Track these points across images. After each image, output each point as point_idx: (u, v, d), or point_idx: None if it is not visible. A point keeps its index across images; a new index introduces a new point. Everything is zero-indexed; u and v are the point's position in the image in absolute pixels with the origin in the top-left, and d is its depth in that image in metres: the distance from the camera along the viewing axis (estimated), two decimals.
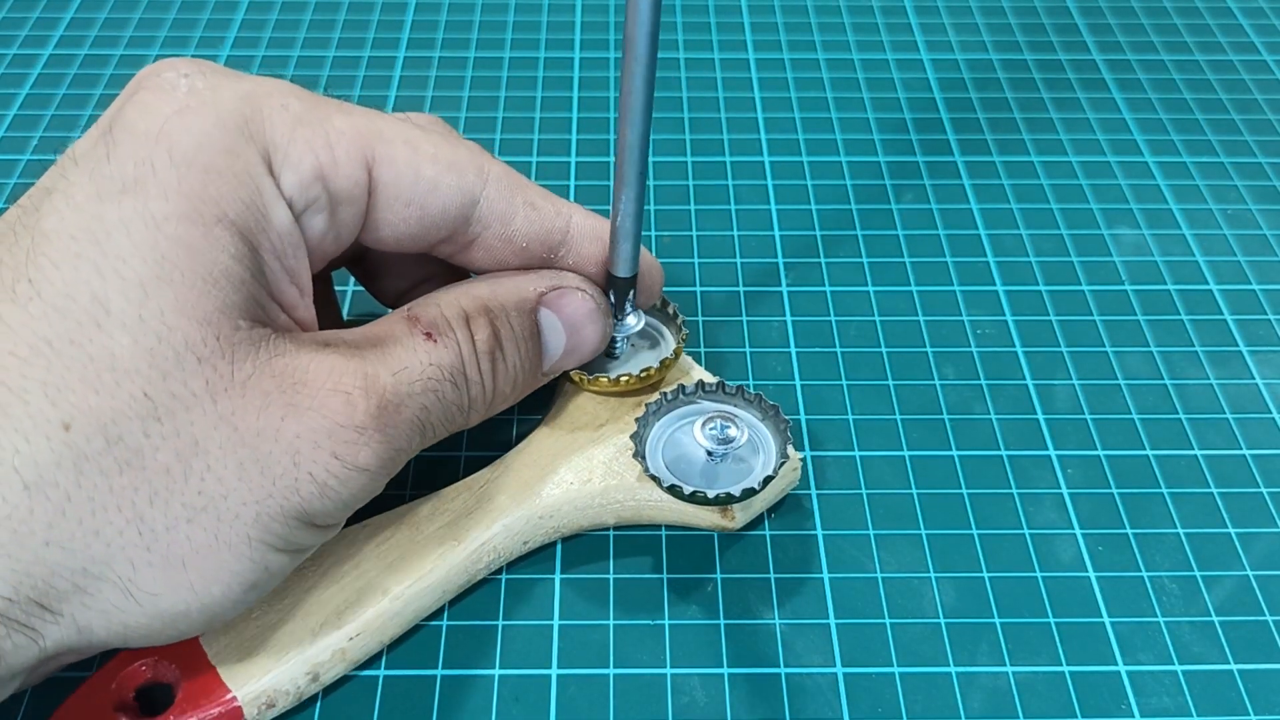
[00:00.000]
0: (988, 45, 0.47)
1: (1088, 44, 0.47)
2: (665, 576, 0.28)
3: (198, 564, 0.21)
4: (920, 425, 0.32)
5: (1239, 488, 0.31)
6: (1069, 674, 0.26)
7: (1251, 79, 0.45)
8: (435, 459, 0.30)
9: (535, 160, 0.40)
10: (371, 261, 0.30)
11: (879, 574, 0.28)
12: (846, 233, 0.38)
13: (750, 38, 0.47)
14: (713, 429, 0.27)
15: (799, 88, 0.44)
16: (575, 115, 0.43)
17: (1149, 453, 0.31)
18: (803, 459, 0.30)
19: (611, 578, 0.28)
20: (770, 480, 0.27)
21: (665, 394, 0.29)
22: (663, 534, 0.29)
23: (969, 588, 0.28)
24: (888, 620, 0.27)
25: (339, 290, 0.35)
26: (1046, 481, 0.31)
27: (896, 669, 0.26)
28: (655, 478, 0.27)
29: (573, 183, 0.39)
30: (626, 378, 0.29)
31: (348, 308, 0.35)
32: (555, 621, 0.27)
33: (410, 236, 0.25)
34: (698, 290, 0.36)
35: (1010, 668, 0.27)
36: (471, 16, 0.47)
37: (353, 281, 0.35)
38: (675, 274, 0.36)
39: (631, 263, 0.27)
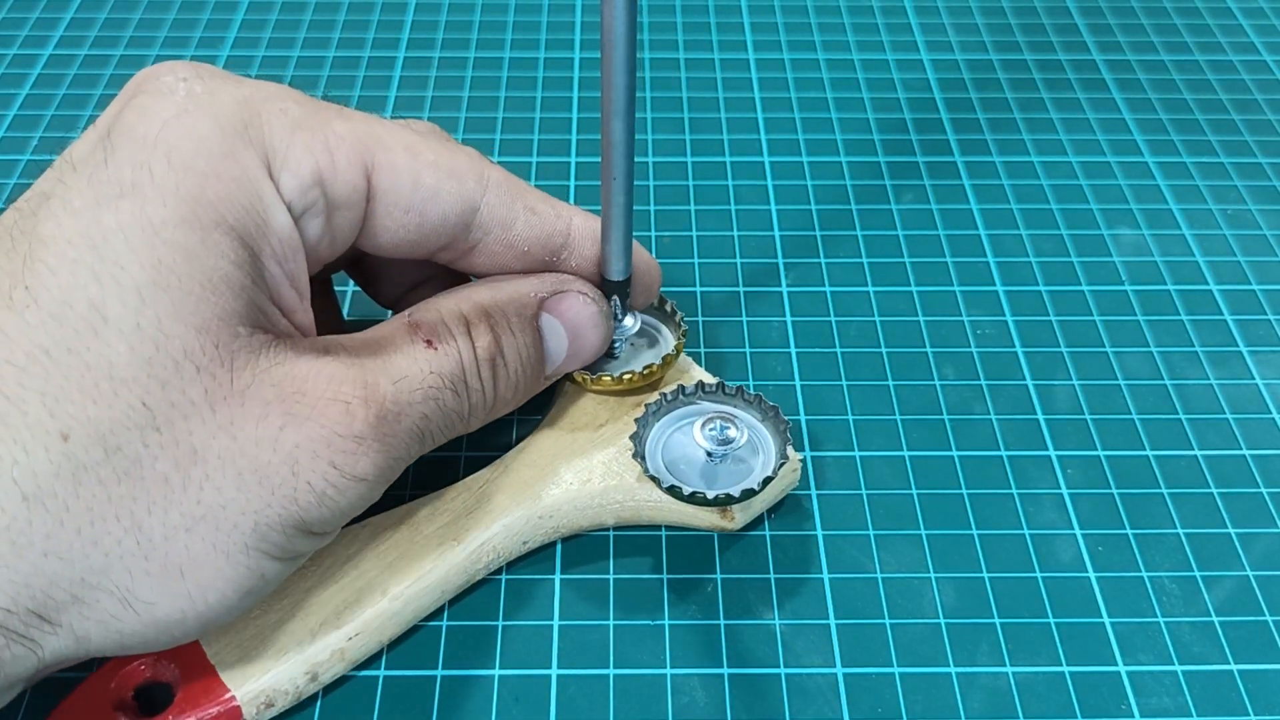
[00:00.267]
0: (988, 45, 0.47)
1: (1088, 44, 0.47)
2: (665, 577, 0.28)
3: (195, 573, 0.21)
4: (920, 425, 0.32)
5: (1239, 488, 0.30)
6: (1069, 674, 0.26)
7: (1251, 79, 0.45)
8: (436, 459, 0.30)
9: (535, 160, 0.40)
10: (370, 264, 0.30)
11: (879, 574, 0.28)
12: (846, 233, 0.38)
13: (750, 38, 0.47)
14: (712, 430, 0.27)
15: (799, 88, 0.44)
16: (575, 115, 0.43)
17: (1149, 453, 0.31)
18: (802, 459, 0.30)
19: (611, 578, 0.28)
20: (770, 481, 0.27)
21: (665, 395, 0.29)
22: (663, 534, 0.29)
23: (969, 588, 0.28)
24: (888, 620, 0.27)
25: (339, 291, 0.35)
26: (1046, 482, 0.30)
27: (896, 669, 0.26)
28: (655, 478, 0.27)
29: (572, 183, 0.39)
30: (629, 375, 0.29)
31: (347, 308, 0.35)
32: (555, 622, 0.27)
33: (410, 243, 0.25)
34: (698, 290, 0.36)
35: (1010, 668, 0.27)
36: (471, 16, 0.47)
37: (352, 282, 0.35)
38: (675, 274, 0.36)
39: (624, 266, 0.27)
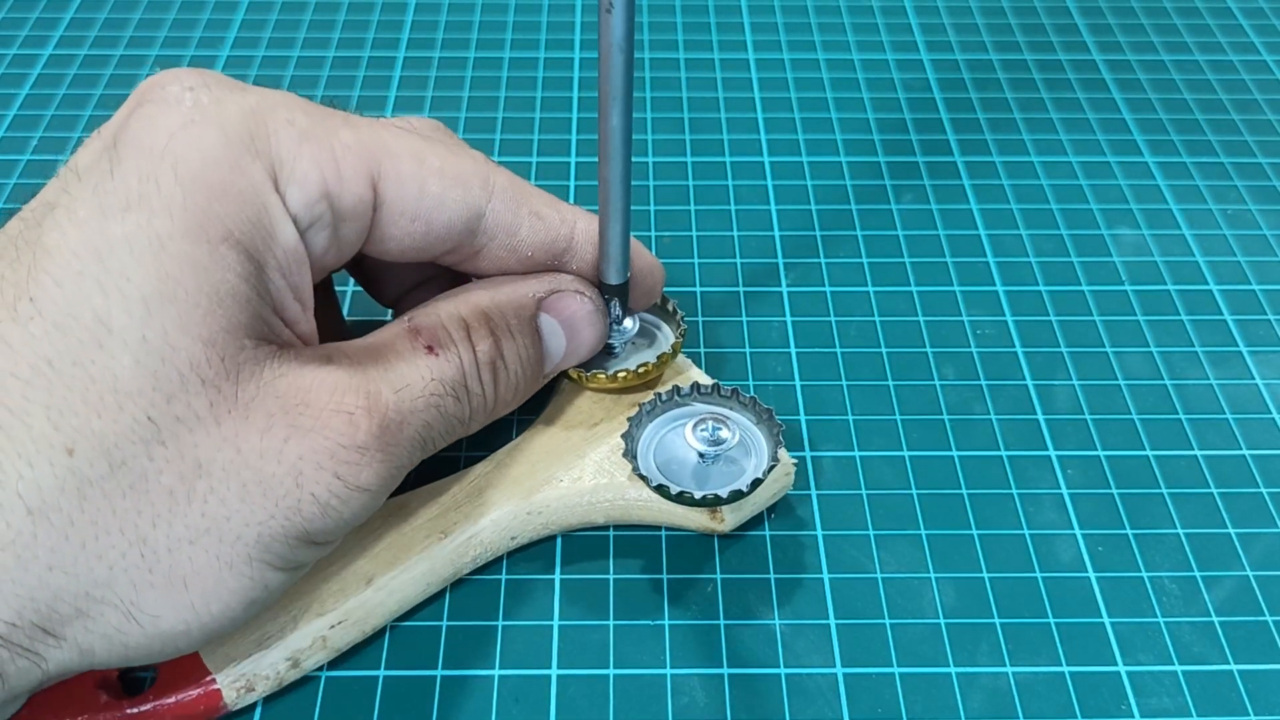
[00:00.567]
0: (988, 45, 0.47)
1: (1088, 44, 0.47)
2: (665, 577, 0.28)
3: (199, 584, 0.21)
4: (920, 425, 0.32)
5: (1239, 488, 0.30)
6: (1069, 674, 0.26)
7: (1251, 79, 0.45)
8: (435, 457, 0.30)
9: (535, 160, 0.40)
10: (371, 265, 0.30)
11: (879, 574, 0.28)
12: (846, 233, 0.38)
13: (750, 38, 0.47)
14: (704, 431, 0.27)
15: (799, 88, 0.44)
16: (575, 115, 0.43)
17: (1149, 453, 0.31)
18: (795, 462, 0.30)
19: (611, 578, 0.28)
20: (759, 483, 0.27)
21: (660, 395, 0.29)
22: (662, 534, 0.29)
23: (969, 588, 0.28)
24: (888, 620, 0.27)
25: (339, 290, 0.35)
26: (1046, 482, 0.30)
27: (896, 669, 0.26)
28: (644, 477, 0.27)
29: (572, 183, 0.39)
30: (624, 374, 0.29)
31: (348, 308, 0.35)
32: (555, 622, 0.27)
33: (415, 249, 0.25)
34: (698, 290, 0.36)
35: (1010, 668, 0.27)
36: (471, 16, 0.47)
37: (353, 282, 0.35)
38: (675, 274, 0.36)
39: (621, 270, 0.27)
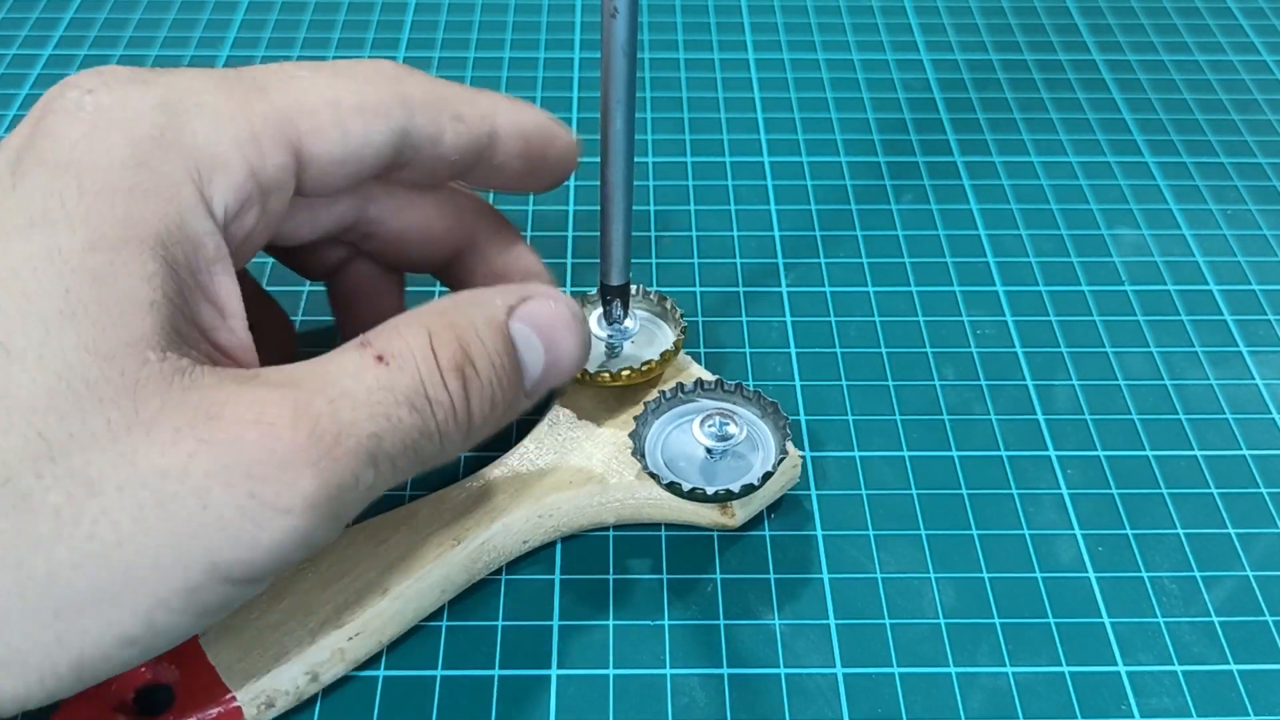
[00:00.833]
0: (988, 45, 0.47)
1: (1088, 44, 0.47)
2: (665, 577, 0.28)
3: (71, 615, 0.19)
4: (920, 425, 0.32)
5: (1239, 488, 0.30)
6: (1069, 674, 0.26)
7: (1251, 79, 0.45)
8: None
9: None
10: (343, 293, 0.30)
11: (879, 574, 0.28)
12: (846, 233, 0.38)
13: (750, 38, 0.47)
14: (711, 426, 0.27)
15: (799, 88, 0.44)
16: (575, 115, 0.43)
17: (1149, 453, 0.31)
18: (802, 457, 0.30)
19: (611, 578, 0.28)
20: (769, 476, 0.27)
21: (664, 392, 0.29)
22: (662, 534, 0.29)
23: (969, 588, 0.28)
24: (888, 620, 0.27)
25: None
26: (1046, 482, 0.30)
27: (896, 669, 0.26)
28: (654, 475, 0.27)
29: (572, 182, 0.39)
30: (628, 372, 0.29)
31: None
32: (555, 622, 0.27)
33: (345, 184, 0.25)
34: (698, 290, 0.36)
35: (1010, 668, 0.27)
36: (471, 16, 0.47)
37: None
38: (675, 274, 0.36)
39: (623, 270, 0.27)
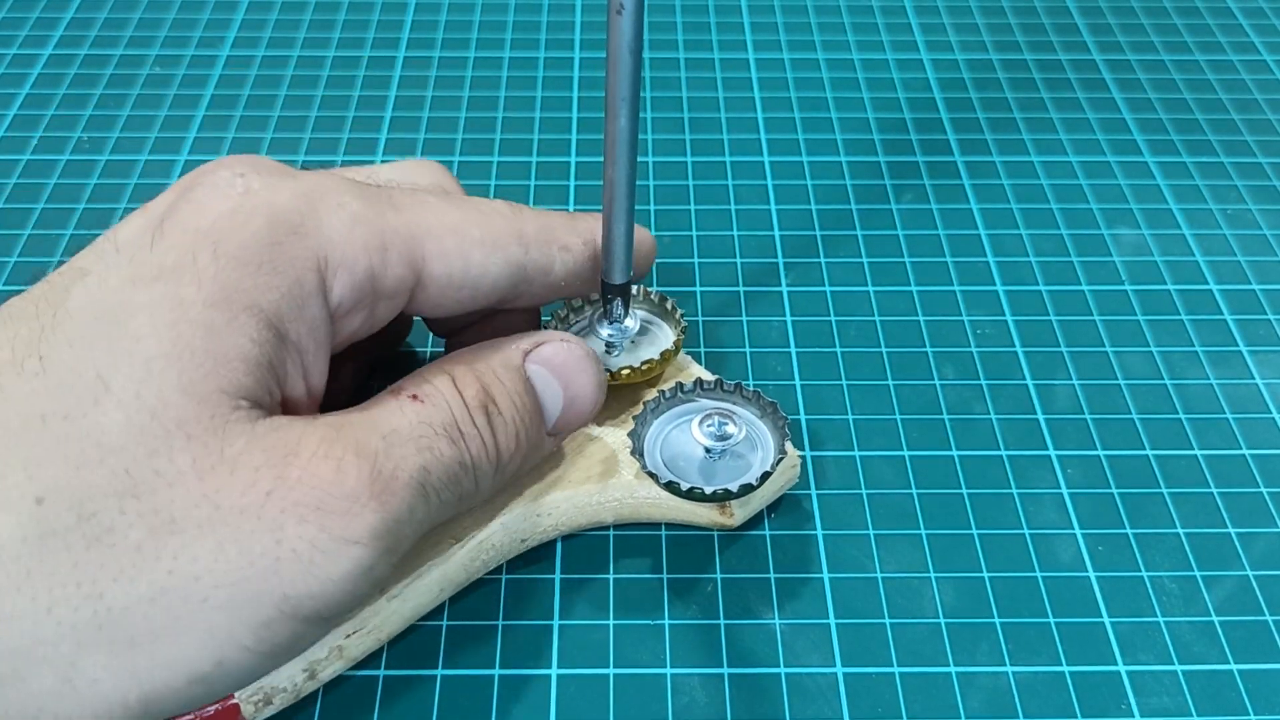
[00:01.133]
0: (988, 45, 0.47)
1: (1088, 44, 0.47)
2: (665, 576, 0.28)
3: (148, 646, 0.20)
4: (920, 425, 0.32)
5: (1239, 488, 0.30)
6: (1069, 674, 0.26)
7: (1251, 79, 0.45)
8: None
9: (535, 160, 0.40)
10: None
11: (879, 574, 0.28)
12: (846, 233, 0.38)
13: (750, 38, 0.47)
14: (710, 426, 0.27)
15: (799, 88, 0.44)
16: (575, 115, 0.43)
17: (1149, 453, 0.31)
18: (802, 456, 0.30)
19: (611, 578, 0.28)
20: (768, 476, 0.27)
21: (663, 392, 0.29)
22: (662, 534, 0.29)
23: (969, 588, 0.28)
24: (888, 620, 0.27)
25: None
26: (1046, 481, 0.30)
27: (896, 669, 0.26)
28: (653, 474, 0.27)
29: (572, 183, 0.39)
30: (628, 370, 0.29)
31: None
32: (555, 622, 0.27)
33: (462, 311, 0.27)
34: (698, 290, 0.36)
35: (1010, 668, 0.27)
36: (471, 16, 0.47)
37: None
38: (675, 274, 0.36)
39: (625, 269, 0.27)
